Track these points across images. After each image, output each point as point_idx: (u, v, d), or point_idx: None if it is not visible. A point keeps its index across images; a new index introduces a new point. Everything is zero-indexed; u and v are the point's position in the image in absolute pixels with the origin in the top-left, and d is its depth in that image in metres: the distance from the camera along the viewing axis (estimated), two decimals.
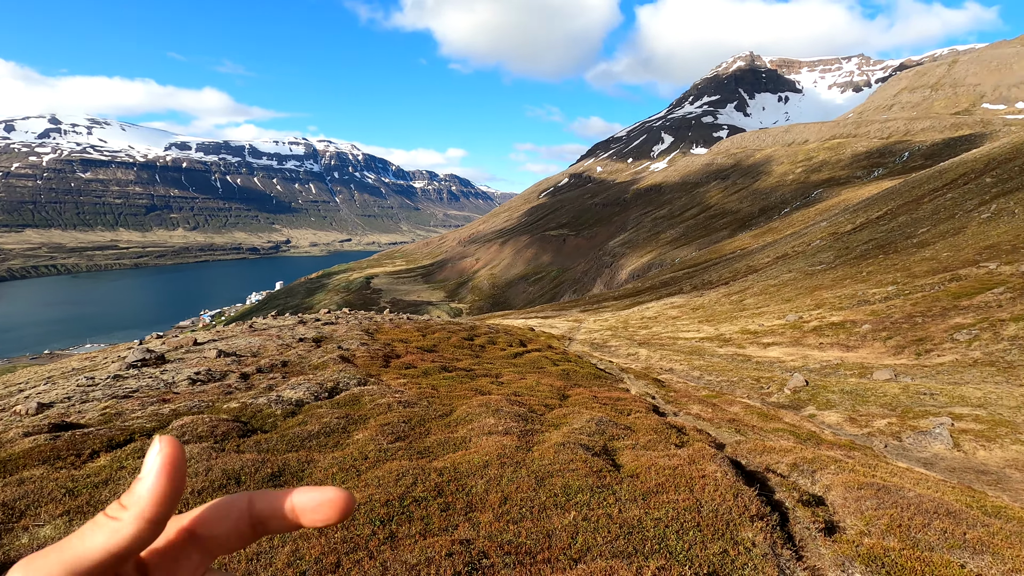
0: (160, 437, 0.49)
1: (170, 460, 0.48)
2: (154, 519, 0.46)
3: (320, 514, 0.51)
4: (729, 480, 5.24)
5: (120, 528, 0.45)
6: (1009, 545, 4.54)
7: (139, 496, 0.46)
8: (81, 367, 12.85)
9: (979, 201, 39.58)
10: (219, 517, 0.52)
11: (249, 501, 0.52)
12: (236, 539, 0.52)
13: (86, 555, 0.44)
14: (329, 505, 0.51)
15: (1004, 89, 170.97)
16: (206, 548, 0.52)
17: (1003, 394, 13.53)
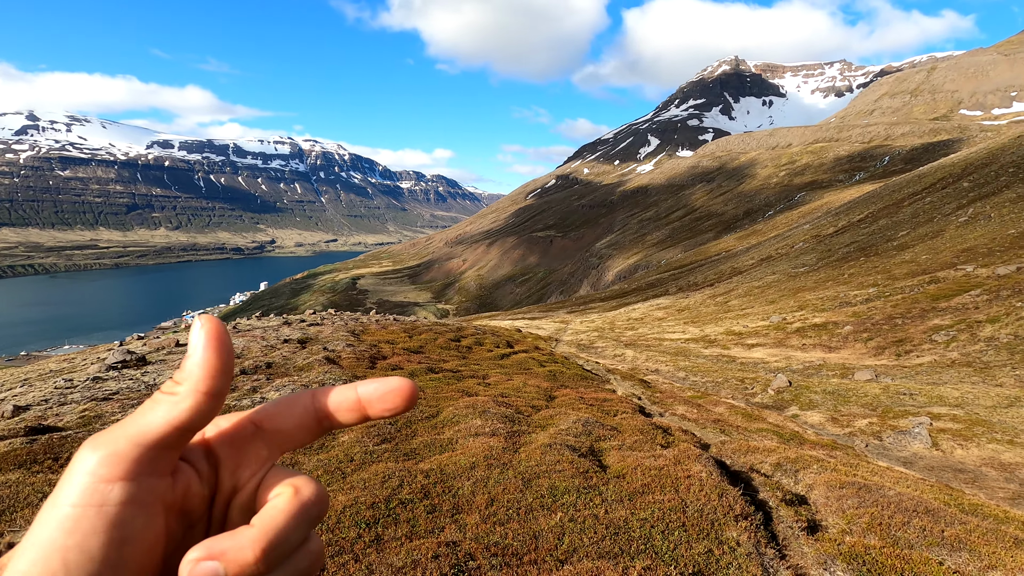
0: (200, 316, 0.49)
1: (214, 334, 0.48)
2: (210, 391, 0.46)
3: (387, 403, 0.51)
4: (714, 480, 5.28)
5: (178, 402, 0.46)
6: (985, 542, 4.64)
7: (190, 371, 0.47)
8: (59, 369, 12.59)
9: (957, 205, 40.45)
10: (284, 412, 0.52)
11: (312, 396, 0.52)
12: (302, 433, 0.52)
13: (150, 428, 0.44)
14: (395, 394, 0.51)
15: (981, 96, 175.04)
16: (273, 442, 0.52)
17: (980, 394, 13.83)
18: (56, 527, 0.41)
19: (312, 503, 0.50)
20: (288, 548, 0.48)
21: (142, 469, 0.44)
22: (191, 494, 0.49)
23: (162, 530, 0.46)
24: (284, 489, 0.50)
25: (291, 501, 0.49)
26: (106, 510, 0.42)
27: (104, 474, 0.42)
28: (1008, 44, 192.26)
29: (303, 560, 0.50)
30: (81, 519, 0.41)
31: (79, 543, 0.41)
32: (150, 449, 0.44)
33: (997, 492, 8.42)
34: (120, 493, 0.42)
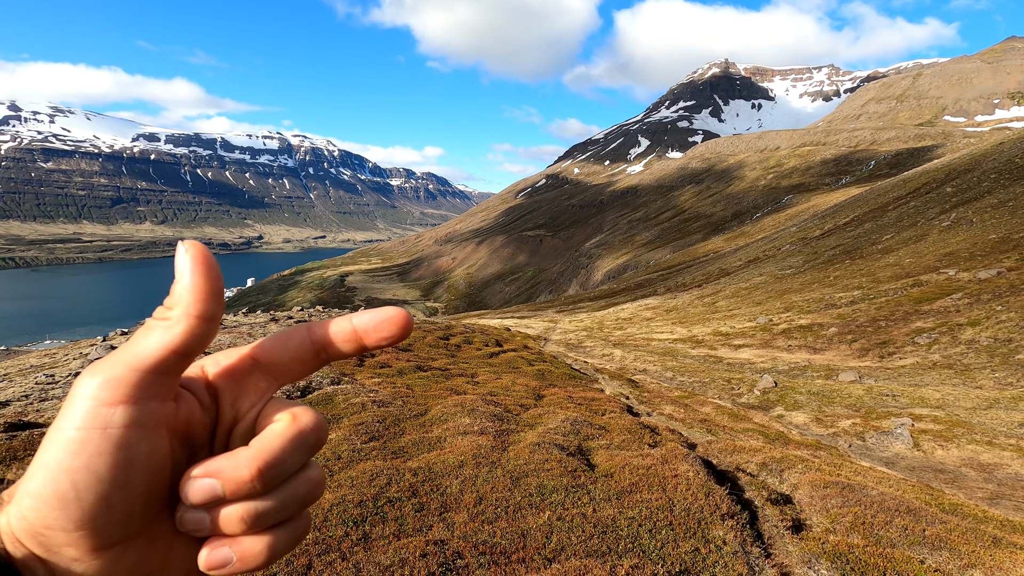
0: (183, 241, 0.48)
1: (201, 258, 0.47)
2: (202, 315, 0.46)
3: (383, 331, 0.51)
4: (701, 479, 5.32)
5: (171, 326, 0.46)
6: (965, 541, 4.73)
7: (180, 295, 0.47)
8: (40, 364, 12.37)
9: (940, 210, 41.12)
10: (281, 345, 0.52)
11: (308, 329, 0.53)
12: (300, 365, 0.52)
13: (146, 353, 0.45)
14: (391, 322, 0.51)
15: (964, 102, 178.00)
16: (271, 374, 0.52)
17: (960, 395, 14.08)
18: (63, 450, 0.42)
19: (310, 429, 0.51)
20: (284, 471, 0.49)
21: (142, 393, 0.45)
22: (194, 421, 0.50)
23: (167, 454, 0.47)
24: (283, 416, 0.51)
25: (289, 426, 0.50)
26: (110, 432, 0.43)
27: (105, 398, 0.43)
28: (991, 52, 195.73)
29: (302, 486, 0.51)
30: (87, 442, 0.42)
31: (86, 464, 0.42)
32: (148, 373, 0.45)
33: (976, 492, 8.58)
34: (123, 416, 0.43)
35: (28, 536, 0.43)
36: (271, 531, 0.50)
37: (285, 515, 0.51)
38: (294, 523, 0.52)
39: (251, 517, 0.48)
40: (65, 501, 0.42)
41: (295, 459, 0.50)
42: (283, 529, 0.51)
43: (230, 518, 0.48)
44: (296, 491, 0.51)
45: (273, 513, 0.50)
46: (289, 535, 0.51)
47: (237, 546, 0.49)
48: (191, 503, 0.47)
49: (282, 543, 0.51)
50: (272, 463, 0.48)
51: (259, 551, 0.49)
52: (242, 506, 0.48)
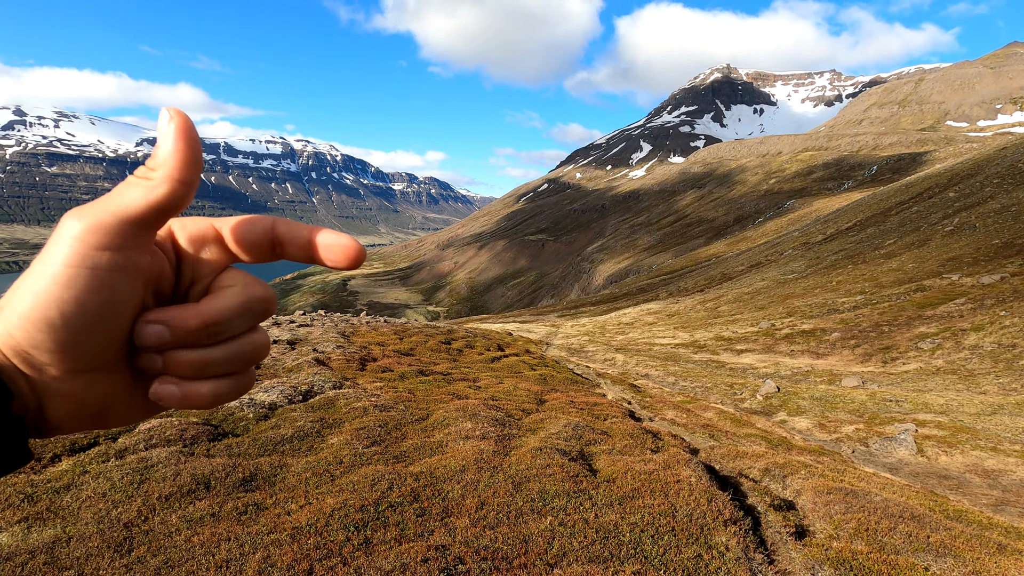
0: (167, 108, 0.51)
1: (183, 126, 0.50)
2: (183, 180, 0.50)
3: (333, 254, 0.54)
4: (703, 485, 5.30)
5: (155, 186, 0.49)
6: (970, 548, 4.69)
7: (164, 159, 0.50)
8: None
9: (943, 215, 41.04)
10: (246, 226, 0.56)
11: (274, 222, 0.56)
12: (255, 250, 0.56)
13: (131, 206, 0.48)
14: (342, 249, 0.54)
15: (967, 107, 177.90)
16: (230, 248, 0.56)
17: (964, 401, 14.01)
18: (52, 282, 0.46)
19: (257, 299, 0.56)
20: (230, 328, 0.54)
21: (126, 242, 0.48)
22: (163, 276, 0.54)
23: (140, 300, 0.51)
24: (237, 283, 0.56)
25: (240, 292, 0.55)
26: (98, 273, 0.47)
27: (94, 242, 0.47)
28: (993, 57, 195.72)
29: (247, 345, 0.56)
30: (76, 278, 0.46)
31: (75, 298, 0.46)
32: (132, 225, 0.48)
33: (981, 498, 8.52)
34: (110, 260, 0.47)
35: (13, 352, 0.48)
36: (216, 380, 0.55)
37: (229, 368, 0.56)
38: (238, 377, 0.57)
39: (196, 363, 0.54)
40: (53, 327, 0.46)
41: (241, 321, 0.55)
42: (227, 380, 0.56)
43: (178, 362, 0.53)
44: (241, 348, 0.56)
45: (218, 364, 0.55)
46: (232, 386, 0.57)
47: (183, 386, 0.54)
48: (142, 344, 0.52)
49: (225, 391, 0.56)
50: (218, 319, 0.53)
51: (203, 394, 0.55)
52: (189, 352, 0.53)
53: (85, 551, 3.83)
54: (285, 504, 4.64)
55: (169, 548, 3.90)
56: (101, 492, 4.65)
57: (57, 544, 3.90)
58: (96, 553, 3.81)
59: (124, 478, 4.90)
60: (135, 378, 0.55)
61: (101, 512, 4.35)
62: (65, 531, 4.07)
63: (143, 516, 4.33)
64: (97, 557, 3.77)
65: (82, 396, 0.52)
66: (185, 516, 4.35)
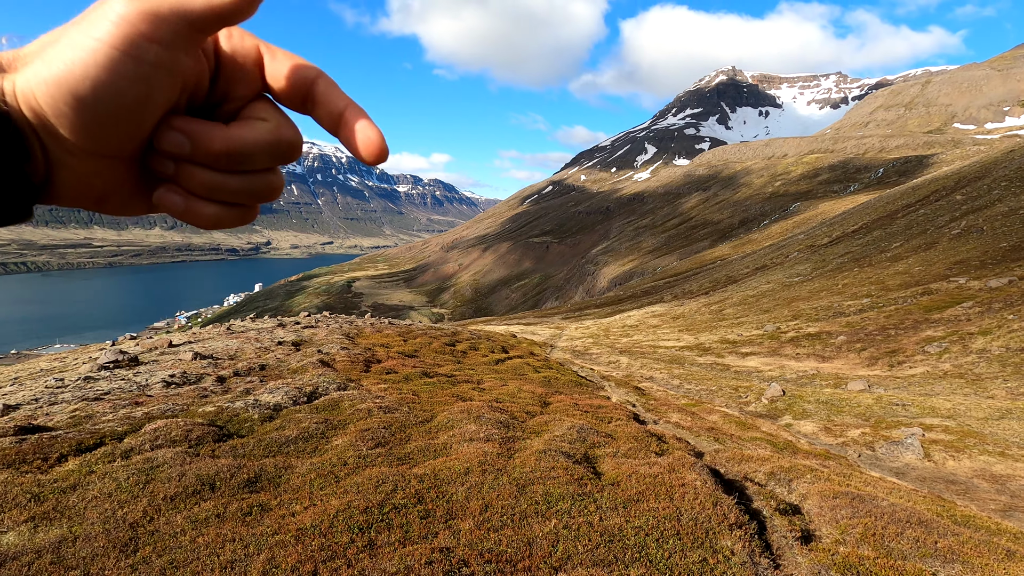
0: None
1: None
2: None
3: (358, 139, 0.53)
4: (708, 489, 5.28)
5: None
6: (978, 554, 4.65)
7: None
8: (50, 368, 12.48)
9: (950, 218, 40.79)
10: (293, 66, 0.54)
11: (318, 76, 0.55)
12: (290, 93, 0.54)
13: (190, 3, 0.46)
14: (368, 140, 0.53)
15: (974, 110, 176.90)
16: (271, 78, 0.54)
17: (971, 405, 13.90)
18: (91, 59, 0.43)
19: (286, 142, 0.54)
20: (250, 162, 0.53)
21: (176, 41, 0.46)
22: (200, 85, 0.52)
23: (172, 103, 0.50)
24: (270, 117, 0.54)
25: (270, 129, 0.53)
26: (142, 66, 0.45)
27: (145, 31, 0.44)
28: (1001, 59, 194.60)
29: (261, 182, 0.55)
30: (118, 63, 0.44)
31: (112, 83, 0.44)
32: (187, 24, 0.45)
33: (989, 504, 8.45)
34: (156, 55, 0.45)
35: (32, 114, 0.45)
36: (221, 205, 0.54)
37: (237, 199, 0.55)
38: (243, 210, 0.56)
39: (207, 185, 0.52)
40: (82, 105, 0.44)
41: (264, 158, 0.53)
42: (232, 209, 0.55)
43: (190, 177, 0.52)
44: (255, 184, 0.55)
45: (228, 192, 0.54)
46: (235, 217, 0.56)
47: (189, 200, 0.53)
48: (161, 148, 0.51)
49: (226, 219, 0.55)
50: (242, 151, 0.52)
51: (204, 214, 0.54)
52: (203, 172, 0.52)
53: (91, 551, 3.84)
54: (290, 505, 4.64)
55: (174, 548, 3.92)
56: (107, 492, 4.67)
57: (63, 544, 3.92)
58: (102, 553, 3.83)
59: (130, 478, 4.92)
60: (144, 174, 0.54)
61: (107, 512, 4.37)
62: (71, 531, 4.09)
63: (149, 516, 4.35)
64: (103, 557, 3.79)
65: (90, 177, 0.51)
66: (190, 517, 4.36)
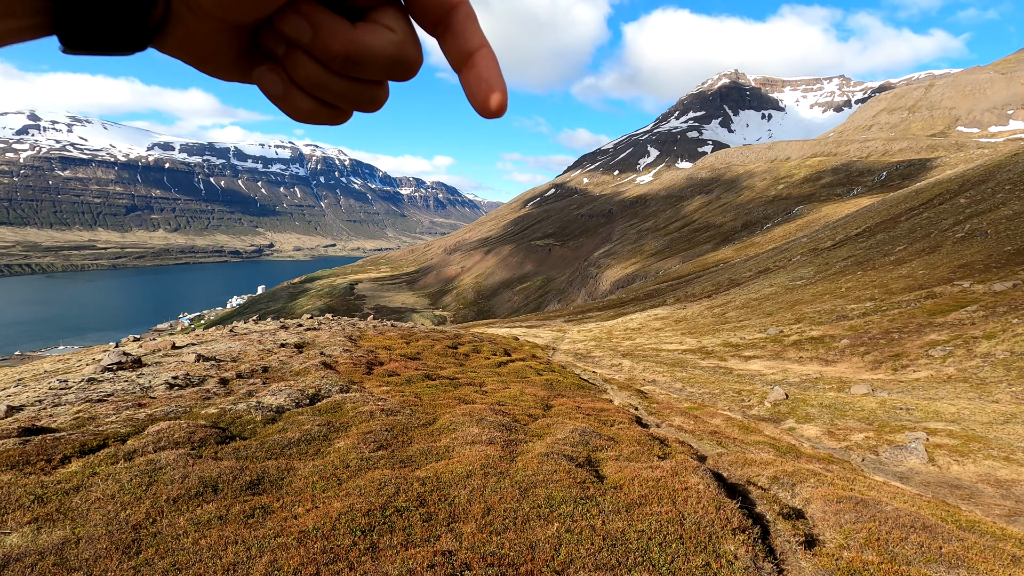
0: None
1: None
2: None
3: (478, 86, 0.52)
4: (711, 493, 5.26)
5: None
6: (983, 559, 4.62)
7: None
8: (54, 369, 12.52)
9: (954, 221, 40.65)
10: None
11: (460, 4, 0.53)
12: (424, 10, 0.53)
13: None
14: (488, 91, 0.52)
15: (978, 113, 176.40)
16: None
17: (976, 410, 13.83)
18: None
19: (409, 60, 0.52)
20: (365, 71, 0.51)
21: None
22: None
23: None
24: (398, 28, 0.52)
25: (396, 42, 0.51)
26: None
27: None
28: (1005, 63, 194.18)
29: (366, 92, 0.54)
30: None
31: None
32: None
33: (994, 509, 8.40)
34: None
35: None
36: (319, 102, 0.53)
37: (336, 101, 0.54)
38: (339, 112, 0.55)
39: (312, 78, 0.51)
40: None
41: (379, 70, 0.52)
42: (328, 109, 0.54)
43: (298, 64, 0.50)
44: (360, 93, 0.53)
45: (330, 92, 0.52)
46: (329, 116, 0.55)
47: (288, 88, 0.52)
48: (279, 27, 0.49)
49: (320, 116, 0.54)
50: (360, 58, 0.50)
51: (299, 107, 0.53)
52: (313, 65, 0.50)
53: (94, 553, 3.85)
54: (292, 508, 4.64)
55: (177, 550, 3.92)
56: (110, 494, 4.67)
57: (66, 545, 3.92)
58: (105, 555, 3.83)
59: (133, 480, 4.92)
60: (251, 46, 0.53)
61: (110, 514, 4.37)
62: (74, 532, 4.10)
63: (151, 518, 4.35)
64: (106, 559, 3.79)
65: (201, 37, 0.49)
66: (193, 519, 4.37)
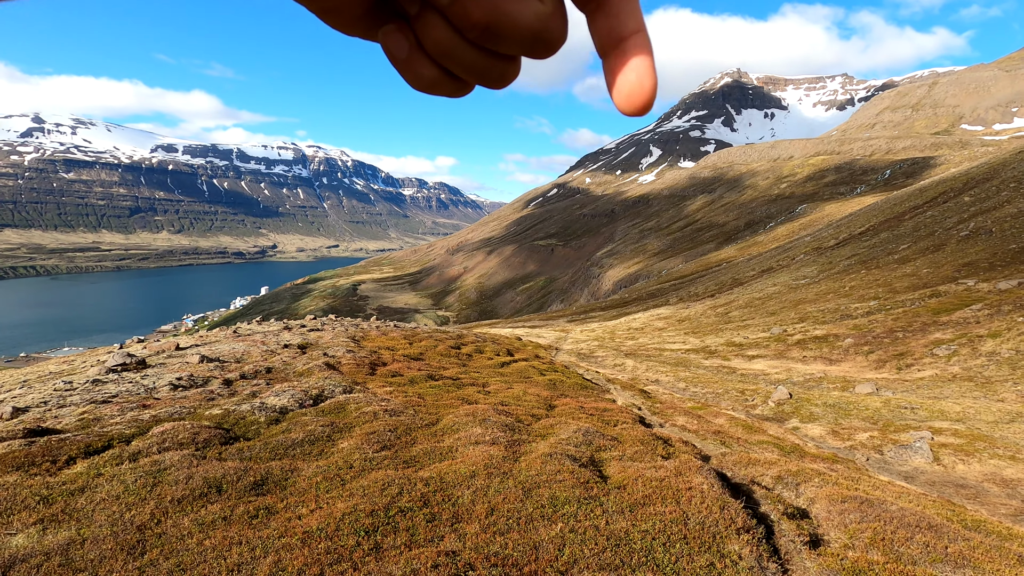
0: None
1: None
2: None
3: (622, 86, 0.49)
4: (715, 492, 5.24)
5: None
6: (989, 559, 4.60)
7: None
8: (59, 371, 12.57)
9: (958, 219, 40.48)
10: None
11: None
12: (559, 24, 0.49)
13: None
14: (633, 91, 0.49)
15: (982, 111, 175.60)
16: None
17: (981, 409, 13.76)
18: None
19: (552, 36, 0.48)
20: (501, 41, 0.47)
21: None
22: None
23: None
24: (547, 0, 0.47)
25: (543, 16, 0.47)
26: None
27: None
28: (1009, 60, 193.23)
29: (497, 67, 0.50)
30: None
31: None
32: None
33: (999, 508, 8.36)
34: None
35: None
36: (444, 72, 0.49)
37: (464, 73, 0.49)
38: (462, 84, 0.51)
39: (440, 44, 0.47)
40: None
41: (517, 45, 0.47)
42: (451, 80, 0.50)
43: (429, 26, 0.47)
44: (489, 66, 0.49)
45: (457, 61, 0.48)
46: (452, 88, 0.51)
47: (413, 51, 0.48)
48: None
49: (443, 86, 0.50)
50: (503, 29, 0.45)
51: (422, 74, 0.49)
52: (445, 30, 0.46)
53: (99, 553, 3.86)
54: (296, 508, 4.65)
55: (181, 551, 3.93)
56: (115, 495, 4.69)
57: (71, 546, 3.94)
58: (110, 555, 3.85)
59: (137, 481, 4.94)
60: (381, 4, 0.49)
61: (115, 514, 4.39)
62: (79, 533, 4.11)
63: (156, 519, 4.36)
64: (111, 559, 3.80)
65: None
66: (197, 519, 4.38)
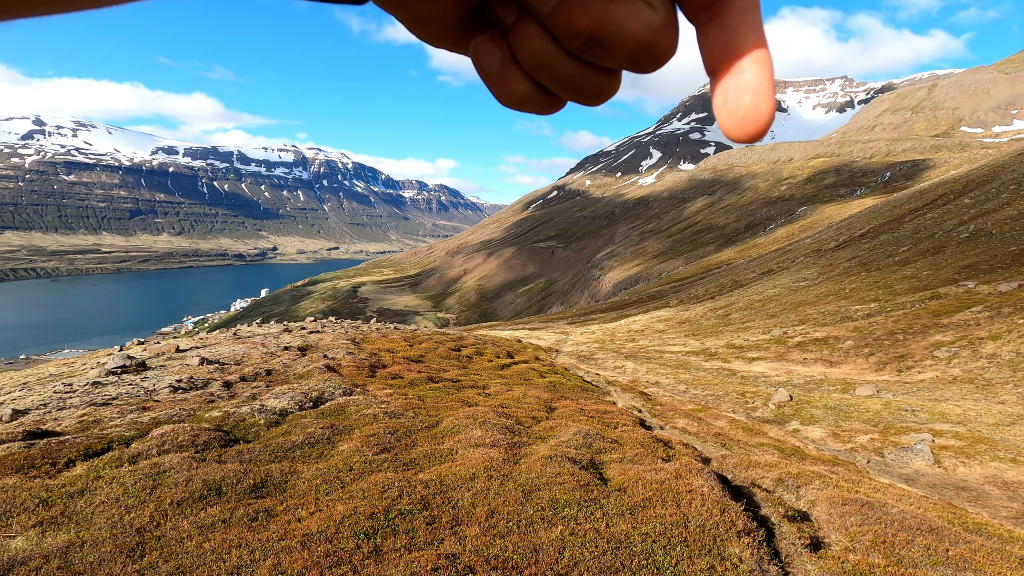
0: None
1: None
2: None
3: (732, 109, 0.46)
4: (716, 495, 5.24)
5: None
6: (990, 562, 4.59)
7: None
8: (58, 373, 12.57)
9: (958, 221, 40.49)
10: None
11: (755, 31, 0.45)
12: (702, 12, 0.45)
13: None
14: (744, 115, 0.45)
15: (981, 113, 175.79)
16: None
17: (982, 411, 13.74)
18: None
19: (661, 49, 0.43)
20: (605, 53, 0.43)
21: None
22: None
23: None
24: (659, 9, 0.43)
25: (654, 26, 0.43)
26: None
27: None
28: (1008, 63, 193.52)
29: (595, 82, 0.45)
30: None
31: None
32: None
33: (1000, 511, 8.34)
34: None
35: None
36: (537, 87, 0.45)
37: (559, 89, 0.46)
38: (554, 100, 0.47)
39: (537, 56, 0.43)
40: None
41: (624, 58, 0.43)
42: (543, 95, 0.46)
43: (525, 37, 0.43)
44: (589, 81, 0.45)
45: (553, 76, 0.44)
46: (543, 104, 0.47)
47: (506, 63, 0.44)
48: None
49: (533, 102, 0.46)
50: (609, 39, 0.41)
51: (513, 89, 0.45)
52: (543, 41, 0.43)
53: (98, 556, 3.85)
54: (295, 511, 4.64)
55: (181, 554, 3.92)
56: (114, 497, 4.68)
57: (71, 549, 3.93)
58: (109, 558, 3.84)
59: (137, 483, 4.93)
60: (475, 12, 0.45)
61: (114, 517, 4.38)
62: (79, 536, 4.10)
63: (155, 522, 4.36)
64: (110, 562, 3.79)
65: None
66: (197, 522, 4.37)
